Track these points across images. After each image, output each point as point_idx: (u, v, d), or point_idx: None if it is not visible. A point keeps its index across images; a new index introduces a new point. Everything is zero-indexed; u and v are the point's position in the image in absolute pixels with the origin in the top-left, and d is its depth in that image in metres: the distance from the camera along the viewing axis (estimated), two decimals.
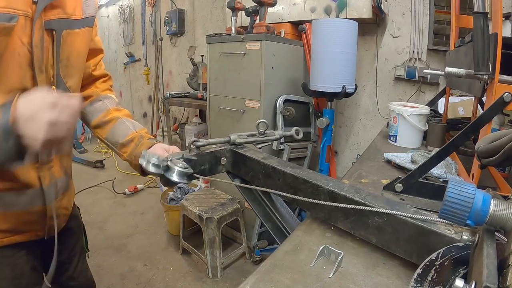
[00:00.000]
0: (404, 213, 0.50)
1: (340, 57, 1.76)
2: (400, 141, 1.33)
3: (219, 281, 2.02)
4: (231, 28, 2.17)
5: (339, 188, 0.58)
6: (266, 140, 0.82)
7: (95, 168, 4.06)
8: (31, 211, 0.78)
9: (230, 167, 0.80)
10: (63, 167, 0.85)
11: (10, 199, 0.73)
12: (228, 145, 0.79)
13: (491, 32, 0.71)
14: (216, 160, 0.77)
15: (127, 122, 0.89)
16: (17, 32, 0.63)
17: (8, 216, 0.75)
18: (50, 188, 0.80)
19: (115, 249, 2.35)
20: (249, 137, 0.80)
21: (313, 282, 0.48)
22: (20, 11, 0.62)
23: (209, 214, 2.02)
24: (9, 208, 0.73)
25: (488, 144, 0.50)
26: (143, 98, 4.84)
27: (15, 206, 0.75)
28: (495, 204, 0.38)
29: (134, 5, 4.56)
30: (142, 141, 0.85)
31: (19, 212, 0.76)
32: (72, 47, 0.76)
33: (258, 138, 0.81)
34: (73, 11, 0.75)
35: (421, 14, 2.10)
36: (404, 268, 0.51)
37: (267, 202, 0.78)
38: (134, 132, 0.87)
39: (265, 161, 0.72)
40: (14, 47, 0.64)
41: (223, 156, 0.78)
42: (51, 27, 0.70)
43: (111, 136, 0.88)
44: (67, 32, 0.74)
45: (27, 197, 0.76)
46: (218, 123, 2.30)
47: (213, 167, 0.77)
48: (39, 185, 0.77)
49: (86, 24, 0.80)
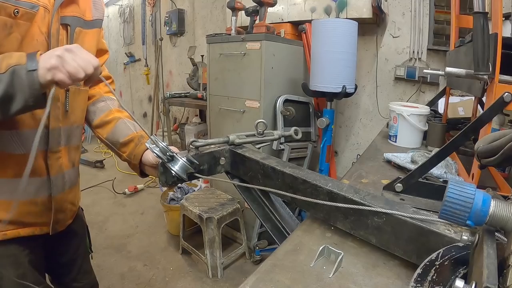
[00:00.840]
0: (403, 213, 0.50)
1: (340, 57, 1.76)
2: (400, 141, 1.33)
3: (219, 281, 2.02)
4: (231, 28, 2.17)
5: (338, 188, 0.58)
6: (265, 140, 0.82)
7: (95, 168, 4.06)
8: (36, 201, 0.78)
9: (229, 167, 0.80)
10: (71, 160, 0.85)
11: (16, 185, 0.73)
12: (227, 145, 0.79)
13: (491, 32, 0.70)
14: (215, 160, 0.77)
15: (128, 123, 0.91)
16: (37, 20, 0.68)
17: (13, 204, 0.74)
18: (57, 179, 0.80)
19: (115, 249, 2.35)
20: (248, 137, 0.81)
21: (313, 282, 0.48)
22: (41, 2, 0.68)
23: (209, 214, 2.02)
24: (14, 195, 0.73)
25: (487, 144, 0.50)
26: (143, 98, 4.84)
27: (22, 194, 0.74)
28: (495, 204, 0.38)
29: (134, 5, 4.56)
30: (142, 141, 0.86)
31: (24, 201, 0.76)
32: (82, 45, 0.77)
33: (257, 138, 0.81)
34: (84, 12, 0.80)
35: (421, 14, 2.10)
36: (404, 268, 0.51)
37: (266, 202, 0.78)
38: (134, 132, 0.88)
39: (264, 161, 0.72)
40: (33, 34, 0.68)
41: (222, 156, 0.78)
42: (66, 22, 0.75)
43: (112, 135, 0.89)
44: (79, 29, 0.78)
45: (33, 185, 0.76)
46: (218, 123, 2.30)
47: (212, 167, 0.77)
48: (46, 174, 0.77)
49: (95, 25, 0.84)
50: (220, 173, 0.81)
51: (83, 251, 1.02)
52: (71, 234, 0.95)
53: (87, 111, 0.92)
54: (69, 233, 0.93)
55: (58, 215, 0.84)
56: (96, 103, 0.93)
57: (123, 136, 0.88)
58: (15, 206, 0.74)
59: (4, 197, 0.73)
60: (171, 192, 2.54)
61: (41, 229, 0.82)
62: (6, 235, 0.75)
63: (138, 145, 0.85)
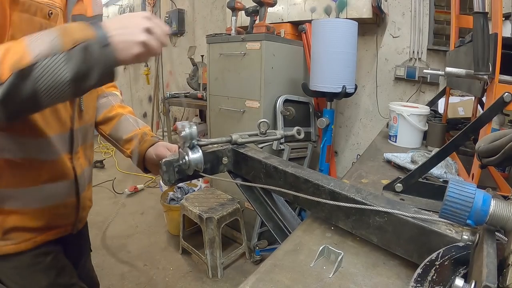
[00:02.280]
0: (405, 212, 0.50)
1: (340, 57, 1.76)
2: (400, 141, 1.33)
3: (219, 281, 2.02)
4: (231, 28, 2.17)
5: (340, 188, 0.58)
6: (267, 139, 0.82)
7: (95, 168, 4.06)
8: (66, 203, 0.78)
9: (232, 166, 0.80)
10: (87, 157, 0.86)
11: (49, 191, 0.73)
12: (230, 145, 0.79)
13: (491, 32, 0.71)
14: (218, 159, 0.77)
15: (131, 119, 0.90)
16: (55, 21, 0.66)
17: (44, 211, 0.73)
18: (82, 178, 0.80)
19: (115, 249, 2.35)
20: (250, 137, 0.80)
21: (313, 282, 0.48)
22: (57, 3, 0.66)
23: (209, 214, 2.02)
24: (46, 202, 0.72)
25: (488, 144, 0.50)
26: (143, 98, 4.84)
27: (52, 199, 0.74)
28: (495, 203, 0.38)
29: (134, 5, 4.56)
30: (146, 138, 0.85)
31: (55, 205, 0.75)
32: None
33: (260, 138, 0.81)
34: (87, 8, 0.77)
35: (421, 14, 2.10)
36: (404, 268, 0.51)
37: (269, 202, 0.78)
38: (137, 129, 0.88)
39: (267, 160, 0.72)
40: None
41: (224, 156, 0.78)
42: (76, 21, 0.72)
43: (115, 132, 0.89)
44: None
45: (63, 188, 0.76)
46: (218, 123, 2.30)
47: (214, 167, 0.77)
48: (73, 174, 0.77)
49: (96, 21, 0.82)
50: (222, 172, 0.81)
51: (86, 250, 1.02)
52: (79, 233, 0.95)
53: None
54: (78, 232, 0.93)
55: (82, 213, 0.84)
56: (98, 99, 0.92)
57: (127, 132, 0.87)
58: (46, 212, 0.73)
59: (35, 205, 0.72)
60: (171, 192, 2.54)
61: (66, 230, 0.82)
62: (37, 242, 0.74)
63: (141, 143, 0.85)
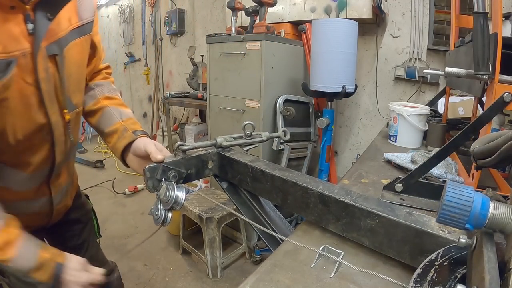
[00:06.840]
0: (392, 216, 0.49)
1: (340, 57, 1.76)
2: (400, 141, 1.33)
3: (219, 281, 2.02)
4: (231, 28, 2.17)
5: (329, 191, 0.57)
6: (253, 142, 0.79)
7: (95, 168, 4.06)
8: (40, 213, 0.82)
9: (217, 170, 0.78)
10: (70, 172, 0.88)
11: (21, 206, 0.76)
12: (215, 148, 0.77)
13: (491, 32, 0.71)
14: (203, 163, 0.75)
15: (114, 111, 0.86)
16: (19, 74, 0.57)
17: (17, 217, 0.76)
18: (58, 195, 0.84)
19: (115, 249, 2.35)
20: (235, 140, 0.78)
21: (313, 282, 0.48)
22: (17, 51, 0.56)
23: (209, 214, 2.02)
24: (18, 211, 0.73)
25: (484, 145, 0.50)
26: (143, 98, 4.84)
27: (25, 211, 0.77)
28: (494, 206, 0.37)
29: (134, 5, 4.56)
30: (125, 135, 0.81)
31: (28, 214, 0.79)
32: (71, 61, 0.71)
33: (245, 140, 0.78)
34: (69, 23, 0.69)
35: (421, 14, 2.09)
36: (404, 268, 0.51)
37: (256, 206, 0.76)
38: (119, 122, 0.84)
39: (253, 164, 0.70)
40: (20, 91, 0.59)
41: (210, 160, 0.76)
42: (54, 52, 0.64)
43: (98, 124, 0.87)
44: (66, 48, 0.68)
45: (37, 204, 0.80)
46: (218, 123, 2.30)
47: (200, 171, 0.74)
48: (49, 194, 0.81)
49: (84, 32, 0.74)
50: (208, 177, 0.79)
51: (87, 236, 1.03)
52: (72, 221, 0.97)
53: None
54: (69, 221, 0.96)
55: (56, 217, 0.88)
56: (87, 91, 0.88)
57: (108, 125, 0.85)
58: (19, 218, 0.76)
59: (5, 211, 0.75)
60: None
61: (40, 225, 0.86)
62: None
63: (120, 138, 0.81)
